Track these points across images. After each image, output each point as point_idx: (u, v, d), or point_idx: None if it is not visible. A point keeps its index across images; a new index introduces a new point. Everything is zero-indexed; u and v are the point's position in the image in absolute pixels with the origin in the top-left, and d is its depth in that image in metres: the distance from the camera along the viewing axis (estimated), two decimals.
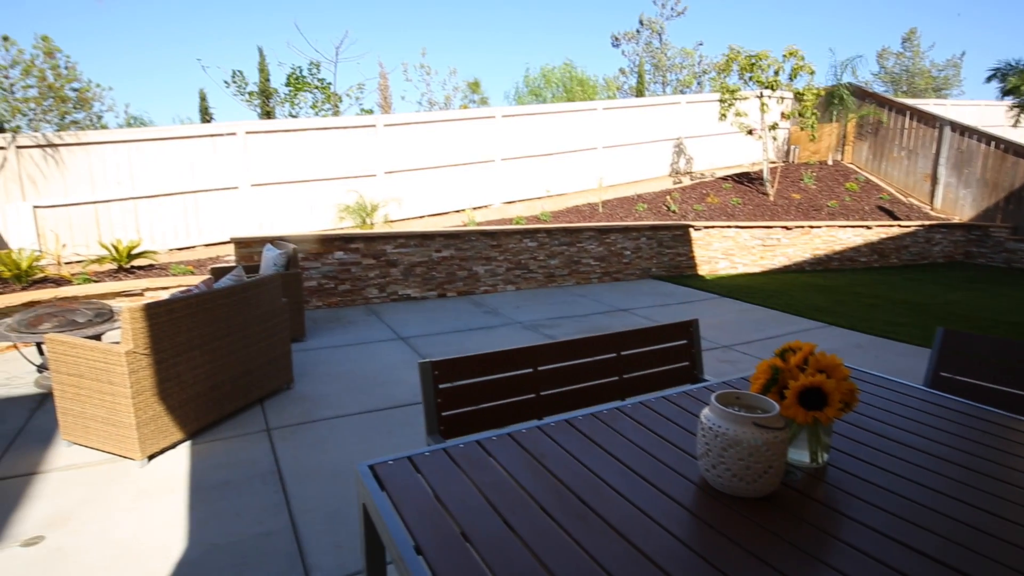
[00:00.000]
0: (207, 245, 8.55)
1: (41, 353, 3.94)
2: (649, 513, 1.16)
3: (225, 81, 13.79)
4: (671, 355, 2.34)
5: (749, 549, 1.05)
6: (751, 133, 11.77)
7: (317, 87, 13.74)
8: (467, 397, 1.89)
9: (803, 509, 1.19)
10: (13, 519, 2.45)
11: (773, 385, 1.34)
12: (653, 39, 24.78)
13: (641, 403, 1.72)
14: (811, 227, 9.88)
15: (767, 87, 11.39)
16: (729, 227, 9.22)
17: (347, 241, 6.67)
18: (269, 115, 14.12)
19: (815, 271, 9.80)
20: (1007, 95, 13.15)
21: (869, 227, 10.44)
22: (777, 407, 1.23)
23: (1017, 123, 12.80)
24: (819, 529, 1.12)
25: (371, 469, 1.31)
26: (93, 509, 2.53)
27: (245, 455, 3.05)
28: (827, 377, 1.29)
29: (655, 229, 8.62)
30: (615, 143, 12.07)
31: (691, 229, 8.90)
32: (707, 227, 9.03)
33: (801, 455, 1.34)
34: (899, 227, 10.74)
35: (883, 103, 14.13)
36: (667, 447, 1.44)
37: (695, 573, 0.99)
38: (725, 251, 9.22)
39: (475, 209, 10.56)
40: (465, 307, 6.63)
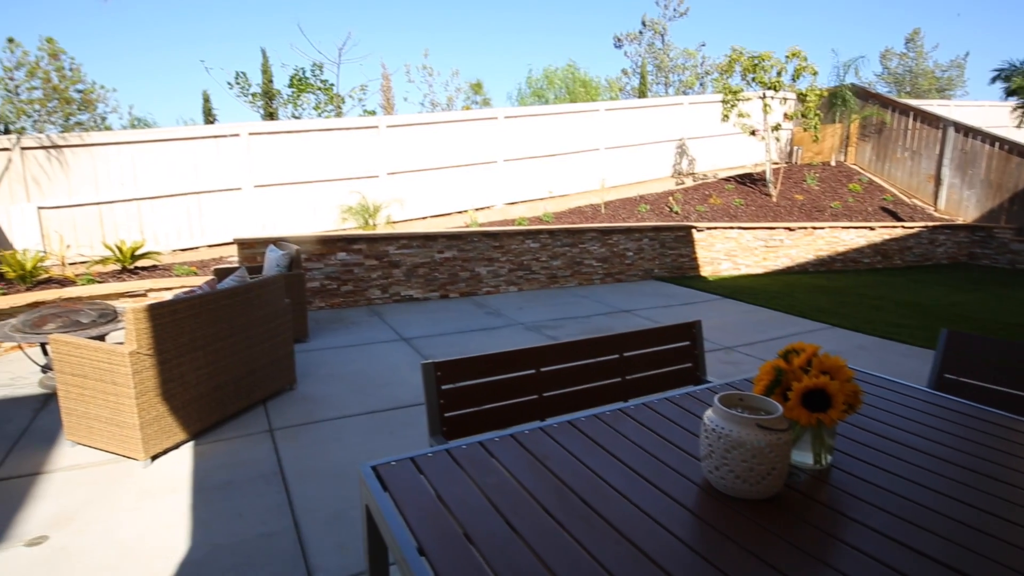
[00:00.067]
0: (210, 246, 8.58)
1: (45, 353, 3.95)
2: (652, 514, 1.16)
3: (228, 82, 13.86)
4: (674, 356, 2.34)
5: (752, 551, 1.05)
6: (754, 134, 11.76)
7: (320, 88, 13.76)
8: (470, 398, 1.89)
9: (806, 511, 1.18)
10: (17, 519, 2.46)
11: (776, 387, 1.33)
12: (656, 40, 24.78)
13: (644, 404, 1.72)
14: (814, 228, 9.86)
15: (770, 88, 11.38)
16: (732, 228, 9.21)
17: (350, 242, 6.68)
18: (272, 116, 14.16)
19: (818, 272, 9.78)
20: (1011, 96, 13.09)
21: (872, 228, 10.41)
22: (780, 409, 1.23)
23: (1021, 124, 12.74)
24: (822, 531, 1.12)
25: (374, 470, 1.31)
26: (97, 509, 2.54)
27: (248, 456, 3.05)
28: (831, 379, 1.29)
29: (657, 230, 8.62)
30: (617, 144, 12.07)
31: (694, 230, 8.89)
32: (710, 228, 9.02)
33: (804, 457, 1.34)
34: (902, 228, 10.71)
35: (886, 104, 14.10)
36: (670, 448, 1.44)
37: (697, 574, 0.99)
38: (728, 252, 9.21)
39: (477, 210, 10.57)
40: (467, 308, 6.64)
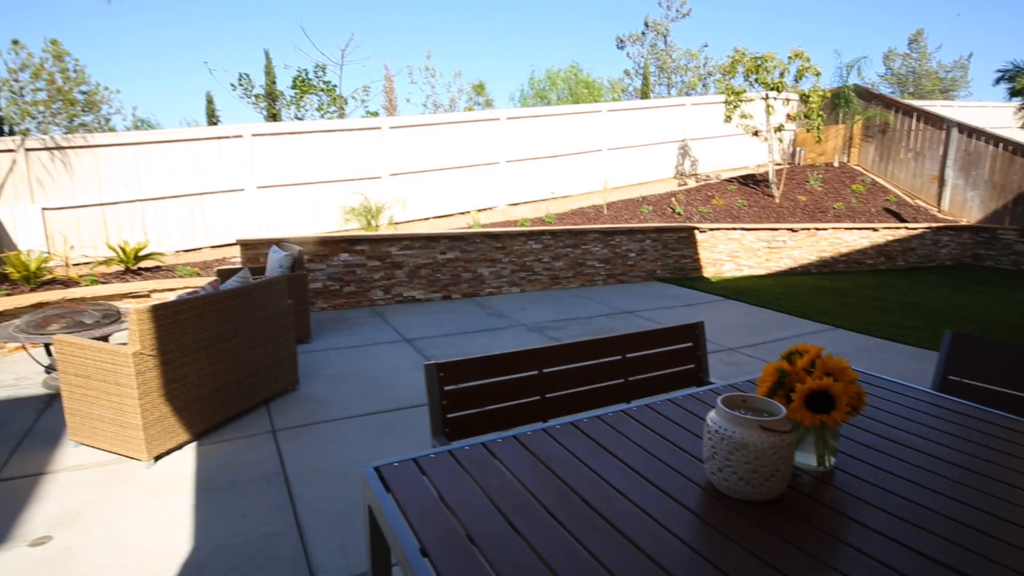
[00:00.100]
0: (213, 247, 8.60)
1: (49, 354, 3.97)
2: (655, 516, 1.15)
3: (231, 84, 13.88)
4: (676, 358, 2.33)
5: (755, 553, 1.04)
6: (756, 135, 11.75)
7: (323, 89, 13.79)
8: (472, 399, 1.89)
9: (810, 513, 1.18)
10: (21, 519, 2.47)
11: (780, 388, 1.33)
12: (658, 41, 24.78)
13: (647, 406, 1.71)
14: (817, 229, 9.84)
15: (772, 89, 11.36)
16: (734, 229, 9.19)
17: (352, 243, 6.69)
18: (275, 117, 14.19)
19: (821, 273, 9.76)
20: (1015, 96, 13.04)
21: (876, 229, 10.38)
22: (784, 410, 1.22)
23: None
24: (826, 533, 1.11)
25: (377, 471, 1.31)
26: (100, 509, 2.55)
27: (251, 456, 3.06)
28: (834, 380, 1.28)
29: (660, 231, 8.61)
30: (620, 145, 12.06)
31: (696, 231, 8.88)
32: (712, 229, 9.01)
33: (808, 459, 1.34)
34: (906, 229, 10.68)
35: (889, 105, 14.06)
36: (673, 450, 1.44)
37: None
38: (730, 253, 9.19)
39: (480, 211, 10.57)
40: (470, 309, 6.64)
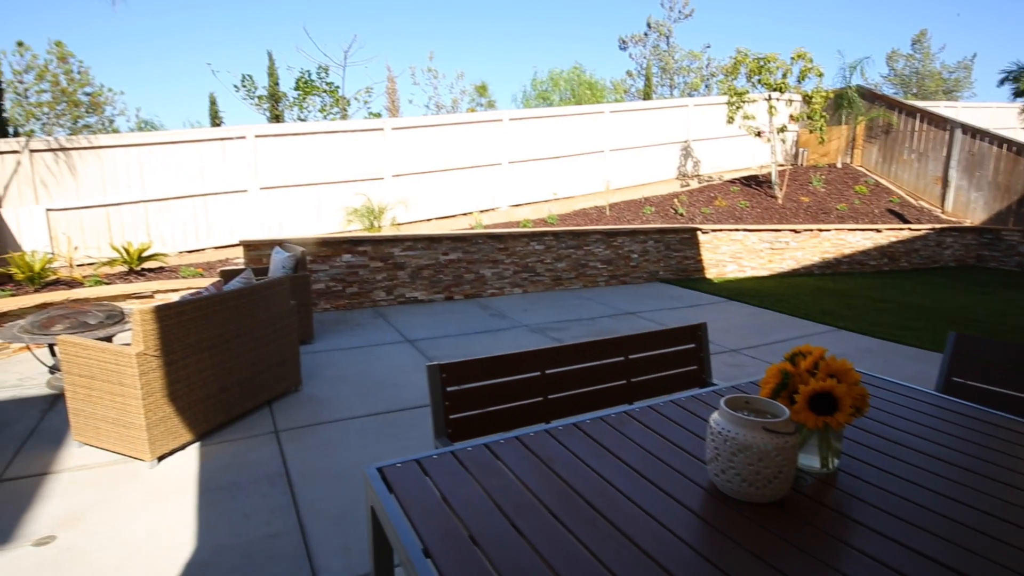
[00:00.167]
0: (216, 248, 8.62)
1: (53, 354, 3.98)
2: (658, 518, 1.15)
3: (235, 85, 13.93)
4: (679, 359, 2.33)
5: (759, 555, 1.04)
6: (759, 136, 11.73)
7: (325, 91, 13.82)
8: (475, 400, 1.89)
9: (814, 515, 1.18)
10: (25, 519, 2.48)
11: (783, 389, 1.33)
12: (660, 42, 24.77)
13: (649, 407, 1.71)
14: (820, 230, 9.82)
15: (775, 90, 11.34)
16: (737, 230, 9.18)
17: (355, 244, 6.70)
18: (278, 119, 14.22)
19: (824, 275, 9.74)
20: (1019, 97, 13.02)
21: (879, 230, 10.36)
22: (787, 412, 1.22)
23: None
24: (830, 535, 1.11)
25: (379, 472, 1.31)
26: (104, 509, 2.55)
27: (253, 457, 3.06)
28: (838, 382, 1.28)
29: (662, 232, 8.60)
30: (622, 146, 12.05)
31: (699, 232, 8.87)
32: (715, 230, 8.99)
33: (811, 460, 1.33)
34: (909, 230, 10.65)
35: (893, 105, 14.03)
36: (676, 451, 1.44)
37: None
38: (733, 254, 9.18)
39: (482, 212, 10.58)
40: (472, 310, 6.64)
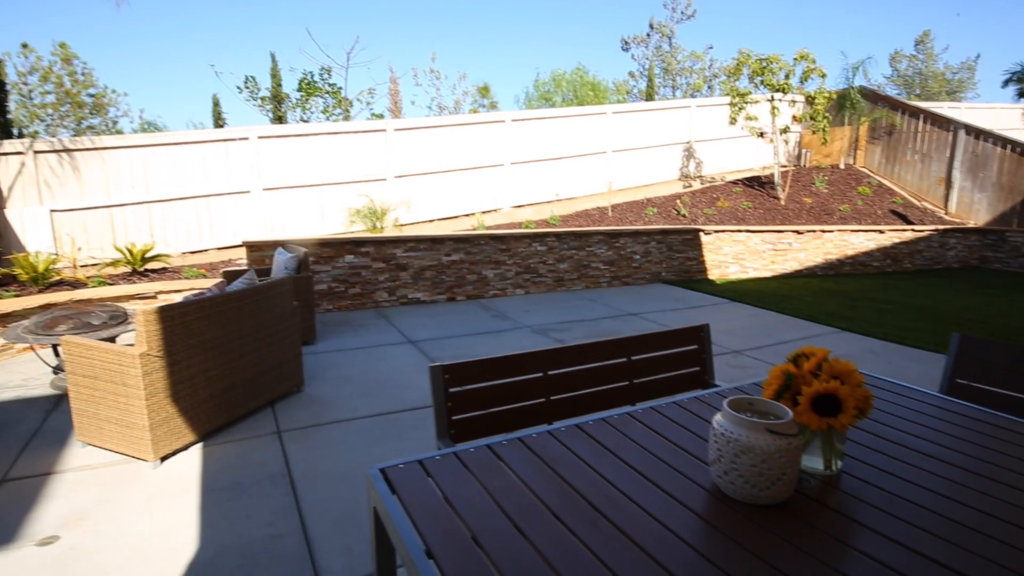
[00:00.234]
0: (219, 248, 8.64)
1: (57, 355, 3.99)
2: (660, 519, 1.15)
3: (238, 87, 13.96)
4: (682, 360, 2.33)
5: (762, 556, 1.04)
6: (762, 136, 11.71)
7: (328, 92, 13.86)
8: (477, 401, 1.90)
9: (817, 517, 1.18)
10: (29, 519, 2.49)
11: (786, 391, 1.33)
12: (663, 43, 24.75)
13: (652, 408, 1.71)
14: (823, 231, 9.80)
15: (778, 90, 11.33)
16: (740, 231, 9.17)
17: (357, 245, 6.71)
18: (281, 120, 14.26)
19: (827, 276, 9.71)
20: (1023, 98, 12.98)
21: (882, 231, 10.33)
22: (790, 413, 1.22)
23: None
24: (833, 537, 1.11)
25: (382, 472, 1.31)
26: (107, 509, 2.56)
27: (256, 457, 3.07)
28: (841, 383, 1.28)
29: (665, 233, 8.59)
30: (625, 147, 12.05)
31: (701, 233, 8.86)
32: (717, 231, 8.98)
33: (815, 462, 1.33)
34: (912, 231, 10.62)
35: (896, 106, 14.00)
36: (678, 453, 1.43)
37: None
38: (736, 255, 9.17)
39: (484, 213, 10.58)
40: (474, 311, 6.64)
